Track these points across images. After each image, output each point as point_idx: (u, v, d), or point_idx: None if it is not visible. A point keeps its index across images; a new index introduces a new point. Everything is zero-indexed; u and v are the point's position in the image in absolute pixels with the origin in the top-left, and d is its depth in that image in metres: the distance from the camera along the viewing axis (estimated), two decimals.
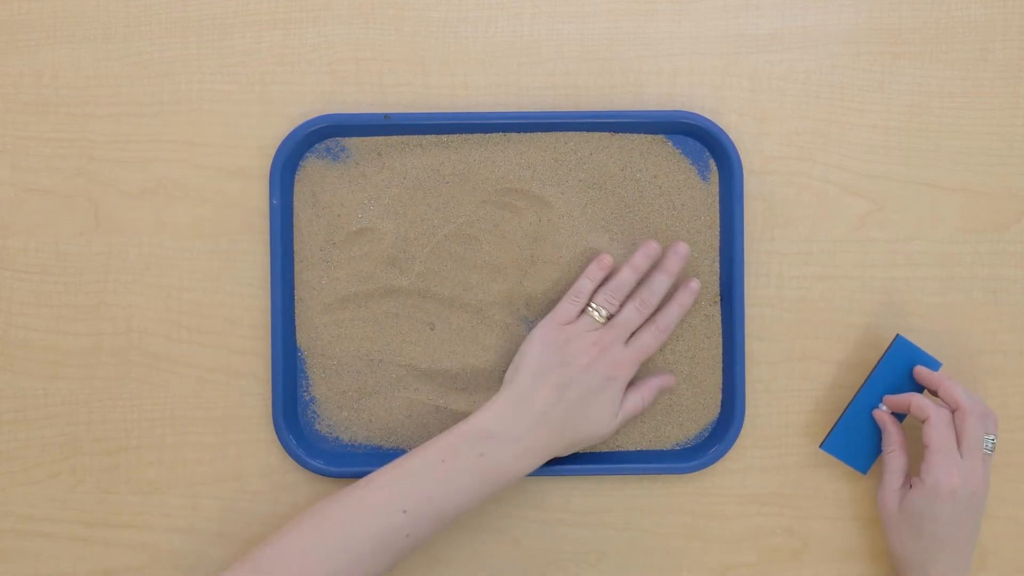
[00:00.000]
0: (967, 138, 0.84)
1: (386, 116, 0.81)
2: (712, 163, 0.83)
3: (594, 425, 0.77)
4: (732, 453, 0.83)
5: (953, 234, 0.84)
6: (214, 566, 0.83)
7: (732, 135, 0.83)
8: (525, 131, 0.82)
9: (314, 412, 0.83)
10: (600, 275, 0.80)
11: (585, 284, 0.79)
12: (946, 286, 0.84)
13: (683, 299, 0.80)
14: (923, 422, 0.77)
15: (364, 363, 0.83)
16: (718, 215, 0.83)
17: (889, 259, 0.84)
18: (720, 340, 0.83)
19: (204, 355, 0.83)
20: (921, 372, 0.80)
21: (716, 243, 0.83)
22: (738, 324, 0.81)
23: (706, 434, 0.83)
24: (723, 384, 0.83)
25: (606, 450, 0.83)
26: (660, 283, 0.79)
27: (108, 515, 0.83)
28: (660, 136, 0.83)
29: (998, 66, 0.84)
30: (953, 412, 0.77)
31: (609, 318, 0.79)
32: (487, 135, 0.82)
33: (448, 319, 0.83)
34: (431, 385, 0.83)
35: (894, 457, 0.79)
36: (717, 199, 0.83)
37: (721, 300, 0.83)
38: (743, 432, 0.83)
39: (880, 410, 0.80)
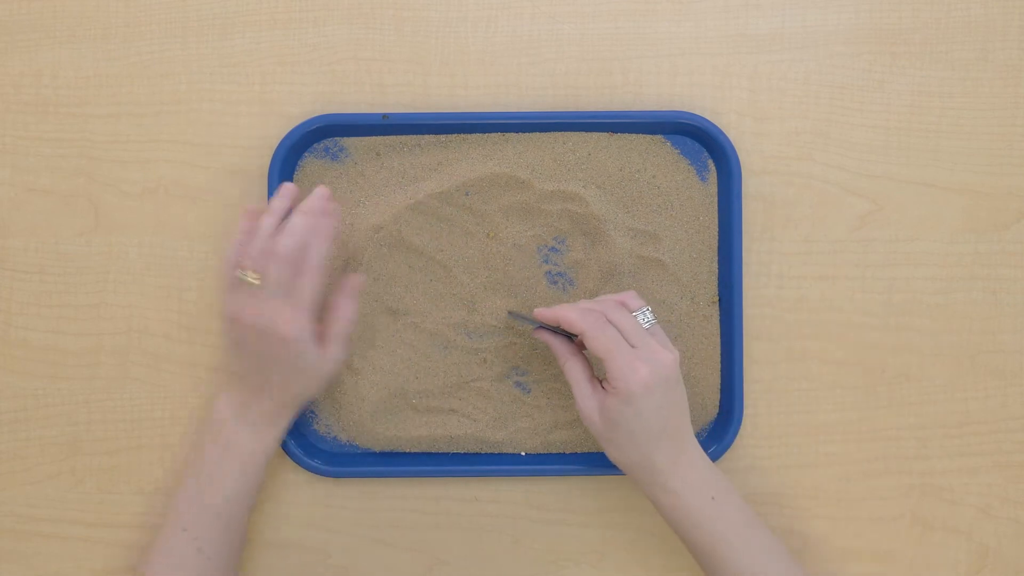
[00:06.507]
0: (967, 138, 0.84)
1: (384, 116, 0.81)
2: (711, 163, 0.83)
3: (307, 379, 0.76)
4: (732, 453, 0.83)
5: (953, 234, 0.84)
6: None
7: (731, 135, 0.83)
8: (524, 131, 0.82)
9: (312, 412, 0.83)
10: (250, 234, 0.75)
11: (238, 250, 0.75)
12: (946, 286, 0.84)
13: (319, 227, 0.75)
14: (582, 336, 0.73)
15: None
16: (716, 215, 0.83)
17: (889, 259, 0.84)
18: (719, 340, 0.83)
19: (204, 355, 0.83)
20: (541, 313, 0.76)
21: (715, 243, 0.83)
22: (736, 324, 0.81)
23: (704, 434, 0.83)
24: (722, 384, 0.83)
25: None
26: (296, 224, 0.74)
27: (108, 515, 0.83)
28: (659, 136, 0.83)
29: (998, 66, 0.84)
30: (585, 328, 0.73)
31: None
32: (486, 135, 0.82)
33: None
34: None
35: (571, 366, 0.75)
36: (715, 199, 0.83)
37: (720, 300, 0.83)
38: (743, 432, 0.83)
39: (537, 330, 0.77)
